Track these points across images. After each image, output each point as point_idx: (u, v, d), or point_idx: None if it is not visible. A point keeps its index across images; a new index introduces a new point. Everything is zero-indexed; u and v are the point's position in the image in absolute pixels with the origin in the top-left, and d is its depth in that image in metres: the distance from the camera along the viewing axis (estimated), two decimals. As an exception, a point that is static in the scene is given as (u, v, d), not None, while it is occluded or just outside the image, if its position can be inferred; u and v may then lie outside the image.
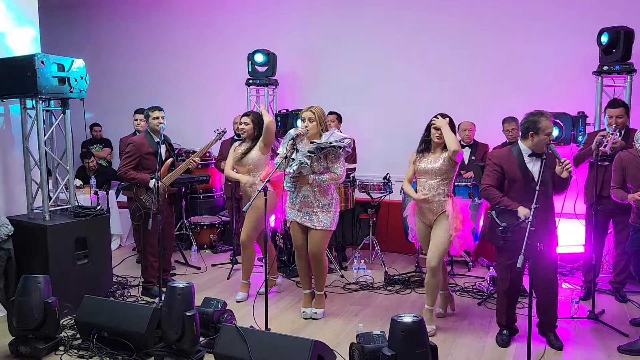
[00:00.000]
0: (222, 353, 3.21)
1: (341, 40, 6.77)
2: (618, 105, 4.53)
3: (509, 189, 3.61)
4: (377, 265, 5.68)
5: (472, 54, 6.15)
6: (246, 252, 4.68)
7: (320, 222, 4.08)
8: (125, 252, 6.33)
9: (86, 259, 4.47)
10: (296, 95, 7.01)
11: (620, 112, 4.49)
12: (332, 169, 4.03)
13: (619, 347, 3.67)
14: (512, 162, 3.60)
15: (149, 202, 4.60)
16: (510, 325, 3.86)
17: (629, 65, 5.10)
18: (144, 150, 4.66)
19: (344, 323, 4.20)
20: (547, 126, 3.51)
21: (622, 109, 4.50)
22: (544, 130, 3.51)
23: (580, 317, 4.20)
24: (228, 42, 7.41)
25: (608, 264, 5.20)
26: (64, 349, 3.64)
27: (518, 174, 3.58)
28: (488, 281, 4.99)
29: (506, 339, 3.79)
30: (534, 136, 3.54)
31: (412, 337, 2.90)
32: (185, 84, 7.75)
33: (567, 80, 5.72)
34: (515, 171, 3.58)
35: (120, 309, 3.72)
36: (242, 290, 4.73)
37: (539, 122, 3.52)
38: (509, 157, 3.64)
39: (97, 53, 8.05)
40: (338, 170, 4.03)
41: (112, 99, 8.06)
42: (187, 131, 6.90)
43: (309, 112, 4.08)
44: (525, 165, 3.58)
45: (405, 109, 6.31)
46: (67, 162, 4.71)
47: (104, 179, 6.82)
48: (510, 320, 3.84)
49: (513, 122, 5.30)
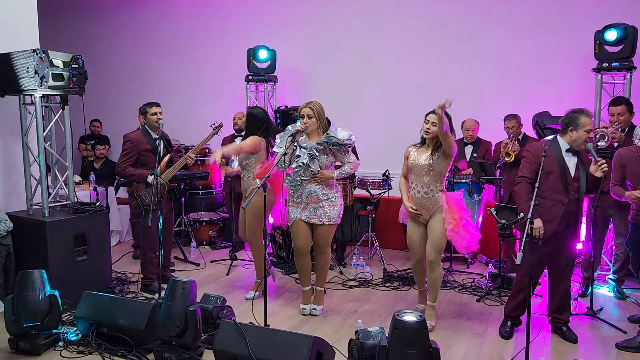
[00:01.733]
0: (222, 349, 3.22)
1: (341, 36, 6.77)
2: (620, 103, 4.54)
3: (543, 181, 3.56)
4: (376, 262, 5.69)
5: (473, 52, 6.14)
6: (254, 249, 4.59)
7: (328, 216, 4.09)
8: (125, 248, 6.34)
9: (85, 255, 4.47)
10: (295, 92, 7.00)
11: (622, 109, 4.50)
12: (347, 159, 4.11)
13: (617, 344, 3.70)
14: (550, 156, 3.61)
15: (148, 198, 4.60)
16: (517, 317, 3.91)
17: (628, 62, 5.09)
18: (141, 147, 4.65)
19: (343, 319, 4.21)
20: (587, 123, 3.55)
21: (624, 107, 4.51)
22: (583, 126, 3.55)
23: (578, 313, 4.22)
24: (227, 38, 7.40)
25: (607, 261, 5.21)
26: (64, 345, 3.65)
27: (555, 167, 3.61)
28: (487, 278, 5.00)
29: (509, 332, 3.86)
30: (572, 132, 3.59)
31: (412, 337, 2.91)
32: (184, 79, 7.75)
33: (567, 77, 5.72)
34: (552, 164, 3.61)
35: (120, 305, 3.72)
36: (254, 289, 4.61)
37: (579, 118, 3.57)
38: (550, 151, 3.64)
39: (95, 49, 8.04)
40: (352, 158, 4.13)
41: (111, 95, 8.05)
42: (187, 127, 6.89)
43: (307, 108, 4.06)
44: (563, 160, 3.62)
45: (405, 106, 6.30)
46: (66, 158, 4.71)
47: (109, 172, 6.85)
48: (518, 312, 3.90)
49: (514, 120, 5.29)
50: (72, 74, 4.49)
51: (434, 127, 3.79)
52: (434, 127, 3.80)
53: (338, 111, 5.97)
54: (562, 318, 3.85)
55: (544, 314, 4.05)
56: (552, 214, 3.61)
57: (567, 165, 3.62)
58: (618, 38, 5.06)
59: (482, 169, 5.20)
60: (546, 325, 3.96)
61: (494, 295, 4.68)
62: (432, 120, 3.84)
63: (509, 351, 3.66)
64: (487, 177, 5.20)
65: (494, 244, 5.34)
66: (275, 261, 5.62)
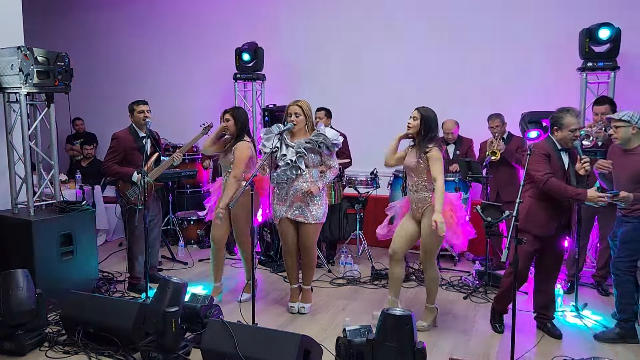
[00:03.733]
0: (209, 348, 3.21)
1: (330, 34, 6.77)
2: (604, 103, 4.61)
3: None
4: (364, 260, 5.71)
5: (460, 52, 6.17)
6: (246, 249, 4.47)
7: (313, 215, 4.10)
8: (112, 247, 6.29)
9: (72, 254, 4.43)
10: (284, 90, 6.99)
11: (606, 108, 4.56)
12: (329, 161, 4.11)
13: (594, 335, 3.83)
14: (554, 154, 3.67)
15: (134, 197, 4.57)
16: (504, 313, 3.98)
17: (612, 61, 5.15)
18: (128, 145, 4.62)
19: (331, 317, 4.22)
20: (571, 123, 3.59)
21: (607, 106, 4.58)
22: (567, 126, 3.59)
23: (563, 310, 4.27)
24: (216, 35, 7.37)
25: (591, 258, 5.28)
26: (49, 345, 3.62)
27: (557, 165, 3.65)
28: (474, 275, 5.04)
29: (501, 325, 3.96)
30: (557, 132, 3.65)
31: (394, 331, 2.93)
32: (171, 77, 7.71)
33: (551, 77, 5.77)
34: (555, 162, 3.65)
35: (106, 305, 3.70)
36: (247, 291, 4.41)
37: (563, 118, 3.62)
38: (552, 149, 3.69)
39: (81, 46, 7.96)
40: (335, 163, 4.14)
41: (96, 93, 7.98)
42: (174, 125, 6.86)
43: (295, 106, 4.07)
44: (562, 159, 3.68)
45: (392, 105, 6.32)
46: (52, 156, 4.66)
47: (96, 171, 6.81)
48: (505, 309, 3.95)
49: (497, 119, 5.34)
50: (58, 71, 4.45)
51: (415, 121, 3.86)
52: (414, 122, 3.87)
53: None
54: (547, 314, 3.91)
55: (529, 310, 4.09)
56: (556, 212, 3.66)
57: (563, 163, 3.67)
58: (610, 37, 5.11)
59: (469, 167, 5.24)
60: (531, 321, 4.00)
61: (481, 293, 4.72)
62: (413, 115, 3.89)
63: (495, 348, 3.69)
64: (474, 175, 5.25)
65: (480, 241, 5.39)
66: (264, 260, 5.62)
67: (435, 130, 3.89)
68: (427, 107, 3.92)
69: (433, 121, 3.87)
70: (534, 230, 3.63)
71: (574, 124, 3.59)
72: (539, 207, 3.67)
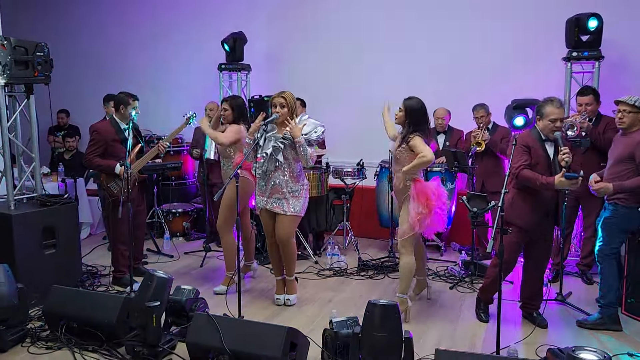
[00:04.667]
0: (194, 342, 3.19)
1: (315, 23, 6.71)
2: (587, 93, 4.62)
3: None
4: (351, 251, 5.70)
5: (445, 40, 6.15)
6: (224, 241, 4.50)
7: (291, 208, 4.07)
8: (96, 240, 6.22)
9: (54, 248, 4.36)
10: (269, 80, 6.93)
11: (589, 99, 4.58)
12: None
13: (577, 322, 3.89)
14: (537, 144, 3.65)
15: (117, 189, 4.51)
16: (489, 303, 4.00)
17: (597, 51, 5.17)
18: (109, 137, 4.54)
19: (318, 309, 4.21)
20: (551, 112, 3.57)
21: (591, 97, 4.59)
22: (547, 116, 3.58)
23: (549, 299, 4.30)
24: (200, 25, 7.27)
25: (576, 247, 5.32)
26: (31, 341, 3.56)
27: (541, 154, 3.62)
28: (460, 265, 5.06)
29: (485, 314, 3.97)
30: (539, 121, 3.65)
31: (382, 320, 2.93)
32: (155, 68, 7.60)
33: (537, 67, 5.78)
34: (539, 152, 3.63)
35: (90, 299, 3.64)
36: (224, 284, 4.51)
37: (543, 107, 3.62)
38: (534, 139, 3.67)
39: (62, 36, 7.80)
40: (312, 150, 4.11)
41: (78, 85, 7.84)
42: (157, 117, 6.77)
43: (280, 97, 4.04)
44: (546, 149, 3.65)
45: (379, 95, 6.26)
46: (32, 149, 4.57)
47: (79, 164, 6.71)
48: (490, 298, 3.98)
49: (482, 109, 5.34)
50: (37, 62, 4.35)
51: (400, 112, 3.91)
52: (399, 113, 3.91)
53: (312, 100, 5.98)
54: (534, 304, 3.92)
55: (514, 300, 4.12)
56: (538, 203, 3.65)
57: (548, 153, 3.65)
58: (597, 27, 5.11)
59: (455, 157, 5.24)
60: (517, 311, 4.03)
61: (467, 283, 4.74)
62: (400, 106, 3.89)
63: (480, 337, 3.71)
64: (459, 165, 5.25)
65: (466, 231, 5.42)
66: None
67: (422, 123, 3.86)
68: (415, 98, 3.91)
69: (418, 113, 3.86)
70: (517, 222, 3.63)
71: (554, 114, 3.56)
72: (520, 198, 3.67)
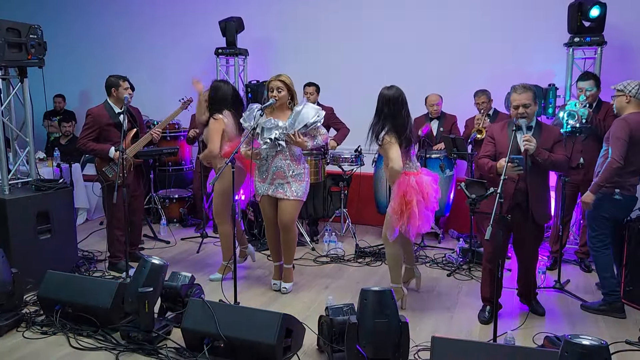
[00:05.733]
0: (190, 328, 3.17)
1: (316, 7, 6.62)
2: (588, 78, 4.56)
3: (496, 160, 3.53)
4: (348, 238, 5.68)
5: (446, 28, 6.08)
6: (220, 229, 4.44)
7: (293, 192, 4.03)
8: (92, 226, 6.19)
9: (49, 233, 4.34)
10: (268, 65, 6.86)
11: (590, 84, 4.51)
12: (316, 132, 4.05)
13: (581, 305, 3.94)
14: (504, 134, 3.56)
15: (112, 173, 4.48)
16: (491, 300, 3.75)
17: (599, 37, 5.10)
18: (103, 121, 4.49)
19: (315, 295, 4.19)
20: (513, 99, 3.48)
21: (592, 82, 4.52)
22: (511, 102, 3.51)
23: (547, 287, 4.29)
24: (196, 8, 7.17)
25: (574, 234, 5.30)
26: (26, 326, 3.55)
27: (506, 144, 3.46)
28: (457, 252, 5.04)
29: (488, 316, 3.69)
30: (509, 109, 3.57)
31: (379, 307, 2.91)
32: (151, 52, 7.51)
33: (538, 52, 5.72)
34: (504, 142, 3.53)
35: (85, 284, 3.62)
36: (220, 271, 4.46)
37: (509, 95, 3.54)
38: (502, 129, 3.60)
39: (58, 21, 7.70)
40: (323, 131, 4.10)
41: (73, 68, 7.76)
42: (154, 101, 6.70)
43: (277, 81, 3.97)
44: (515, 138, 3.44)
45: (377, 82, 6.20)
46: (27, 133, 4.52)
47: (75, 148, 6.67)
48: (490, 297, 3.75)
49: (483, 95, 5.29)
50: (31, 44, 4.28)
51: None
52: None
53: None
54: (527, 295, 3.85)
55: (514, 287, 4.09)
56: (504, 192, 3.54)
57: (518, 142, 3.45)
58: (599, 15, 5.05)
59: (454, 144, 5.20)
60: (515, 298, 4.01)
61: (465, 270, 4.72)
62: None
63: (477, 325, 3.70)
64: (459, 152, 5.21)
65: (464, 219, 5.39)
66: (247, 238, 5.56)
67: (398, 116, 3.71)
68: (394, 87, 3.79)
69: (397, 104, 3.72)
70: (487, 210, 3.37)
71: (515, 100, 3.46)
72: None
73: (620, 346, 3.30)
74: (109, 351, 3.24)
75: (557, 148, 3.52)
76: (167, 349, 3.24)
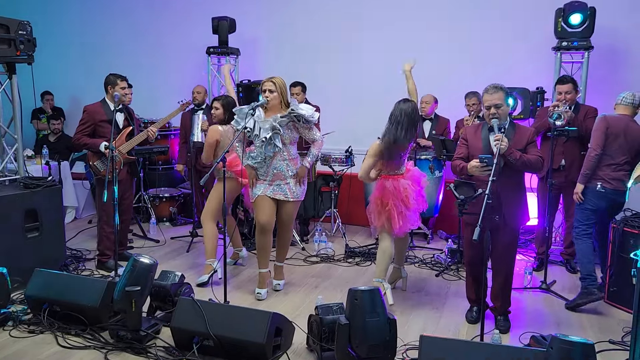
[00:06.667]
0: (179, 327, 3.17)
1: (307, 9, 6.63)
2: (567, 82, 4.61)
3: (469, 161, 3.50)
4: (338, 238, 5.70)
5: (436, 30, 6.11)
6: (205, 228, 4.44)
7: (293, 193, 4.06)
8: (81, 224, 6.15)
9: (37, 231, 4.31)
10: (259, 65, 6.86)
11: (568, 87, 4.57)
12: (310, 135, 4.07)
13: (565, 304, 4.03)
14: (477, 136, 3.55)
15: (103, 168, 4.48)
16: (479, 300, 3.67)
17: (586, 41, 5.16)
18: (97, 117, 4.51)
19: (304, 295, 4.21)
20: (485, 99, 3.44)
21: (570, 85, 4.58)
22: (483, 103, 3.49)
23: (533, 287, 4.34)
24: (188, 7, 7.15)
25: (560, 236, 5.36)
26: (13, 324, 3.52)
27: (479, 146, 3.48)
28: (446, 253, 5.08)
29: (475, 316, 3.70)
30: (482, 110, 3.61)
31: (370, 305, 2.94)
32: (142, 51, 7.47)
33: (527, 56, 5.77)
34: (477, 144, 3.51)
35: (73, 283, 3.60)
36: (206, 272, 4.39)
37: (481, 95, 3.52)
38: (476, 131, 3.59)
39: (47, 16, 7.65)
40: (317, 135, 4.11)
41: (64, 66, 7.70)
42: (144, 100, 6.66)
43: (269, 82, 3.97)
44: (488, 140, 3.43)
45: (369, 83, 6.27)
46: (15, 130, 4.49)
47: (64, 146, 6.64)
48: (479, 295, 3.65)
49: (474, 97, 5.33)
50: (20, 40, 4.25)
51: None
52: None
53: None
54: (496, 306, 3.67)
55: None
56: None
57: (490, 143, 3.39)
58: (581, 22, 5.12)
59: (444, 145, 5.23)
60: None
61: (453, 270, 4.76)
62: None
63: (465, 324, 3.73)
64: (448, 154, 5.24)
65: (453, 219, 5.43)
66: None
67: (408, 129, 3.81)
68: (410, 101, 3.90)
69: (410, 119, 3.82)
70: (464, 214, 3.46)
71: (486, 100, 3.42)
72: None
73: (605, 345, 3.35)
74: (98, 350, 3.23)
75: (531, 148, 3.46)
76: (157, 347, 3.23)
